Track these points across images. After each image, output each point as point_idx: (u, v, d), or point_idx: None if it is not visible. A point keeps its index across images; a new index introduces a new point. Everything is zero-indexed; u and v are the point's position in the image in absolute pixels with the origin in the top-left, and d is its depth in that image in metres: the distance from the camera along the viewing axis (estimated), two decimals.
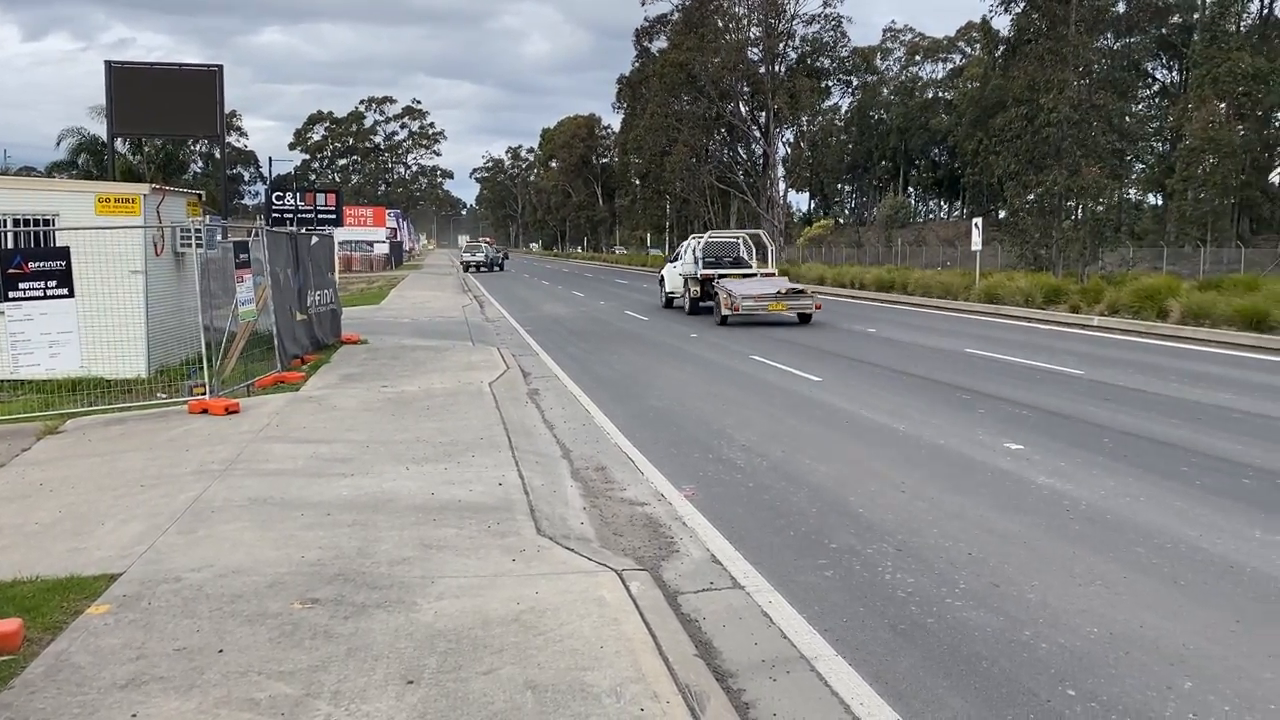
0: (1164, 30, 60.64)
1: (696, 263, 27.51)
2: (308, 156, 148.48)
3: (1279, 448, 9.41)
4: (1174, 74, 65.52)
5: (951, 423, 10.86)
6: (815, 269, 46.89)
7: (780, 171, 67.74)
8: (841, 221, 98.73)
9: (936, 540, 6.69)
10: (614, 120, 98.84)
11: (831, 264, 53.48)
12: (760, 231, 35.60)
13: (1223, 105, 53.23)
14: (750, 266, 28.35)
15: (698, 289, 26.82)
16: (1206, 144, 50.34)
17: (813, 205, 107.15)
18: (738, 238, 30.90)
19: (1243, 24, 57.70)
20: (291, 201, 37.02)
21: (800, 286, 25.19)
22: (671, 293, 30.03)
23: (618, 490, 8.26)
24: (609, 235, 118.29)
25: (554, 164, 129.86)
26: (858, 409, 11.84)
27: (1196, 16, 58.56)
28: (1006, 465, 8.81)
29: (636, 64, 75.70)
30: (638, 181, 77.26)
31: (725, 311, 23.56)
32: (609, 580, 5.69)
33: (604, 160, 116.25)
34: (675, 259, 30.80)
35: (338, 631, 4.88)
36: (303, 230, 24.77)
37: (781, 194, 69.91)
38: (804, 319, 23.84)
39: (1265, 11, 59.23)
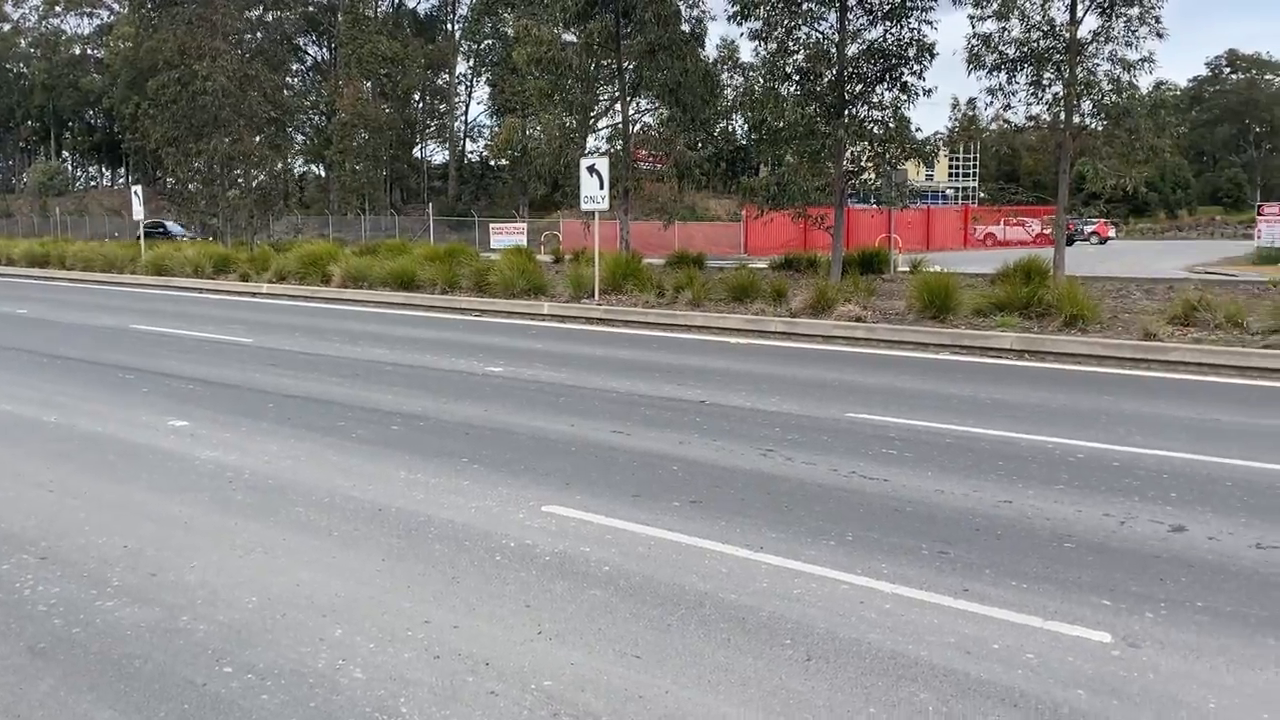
0: (311, 8, 63.78)
1: None
2: None
3: (422, 394, 10.58)
4: (324, 51, 69.36)
5: (111, 406, 10.05)
6: None
7: None
8: None
9: (89, 539, 6.08)
10: None
11: None
12: None
13: (368, 84, 58.09)
14: None
15: None
16: (358, 119, 54.49)
17: None
18: None
19: (379, 10, 63.40)
20: None
21: None
22: None
23: None
24: None
25: None
26: None
27: None
28: (170, 445, 8.42)
29: None
30: None
31: None
32: None
33: None
34: None
35: None
36: None
37: None
38: None
39: (398, 2, 65.89)
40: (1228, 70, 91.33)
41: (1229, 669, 4.32)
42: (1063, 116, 18.82)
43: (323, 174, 66.46)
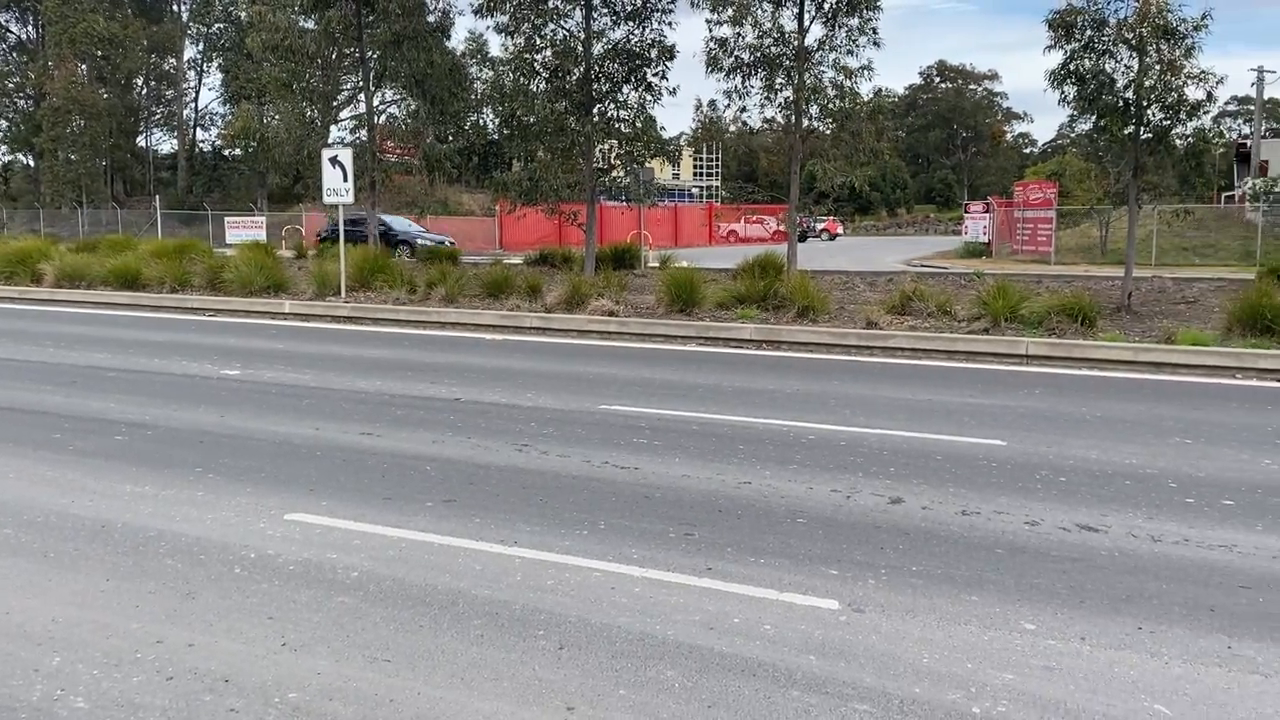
0: None
1: None
2: None
3: (150, 401, 9.86)
4: (30, 29, 62.98)
5: None
6: None
7: None
8: None
9: None
10: None
11: None
12: None
13: (84, 66, 53.25)
14: None
15: None
16: (72, 104, 49.88)
17: None
18: None
19: None
20: None
21: None
22: None
23: None
24: None
25: None
26: None
27: None
28: None
29: None
30: None
31: None
32: None
33: None
34: None
35: None
36: None
37: None
38: None
39: None
40: (938, 80, 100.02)
41: (939, 625, 4.77)
42: (793, 119, 19.98)
43: (31, 164, 60.33)
